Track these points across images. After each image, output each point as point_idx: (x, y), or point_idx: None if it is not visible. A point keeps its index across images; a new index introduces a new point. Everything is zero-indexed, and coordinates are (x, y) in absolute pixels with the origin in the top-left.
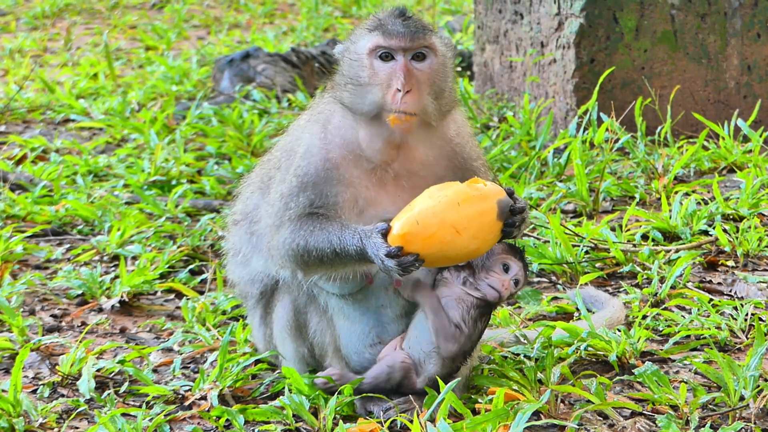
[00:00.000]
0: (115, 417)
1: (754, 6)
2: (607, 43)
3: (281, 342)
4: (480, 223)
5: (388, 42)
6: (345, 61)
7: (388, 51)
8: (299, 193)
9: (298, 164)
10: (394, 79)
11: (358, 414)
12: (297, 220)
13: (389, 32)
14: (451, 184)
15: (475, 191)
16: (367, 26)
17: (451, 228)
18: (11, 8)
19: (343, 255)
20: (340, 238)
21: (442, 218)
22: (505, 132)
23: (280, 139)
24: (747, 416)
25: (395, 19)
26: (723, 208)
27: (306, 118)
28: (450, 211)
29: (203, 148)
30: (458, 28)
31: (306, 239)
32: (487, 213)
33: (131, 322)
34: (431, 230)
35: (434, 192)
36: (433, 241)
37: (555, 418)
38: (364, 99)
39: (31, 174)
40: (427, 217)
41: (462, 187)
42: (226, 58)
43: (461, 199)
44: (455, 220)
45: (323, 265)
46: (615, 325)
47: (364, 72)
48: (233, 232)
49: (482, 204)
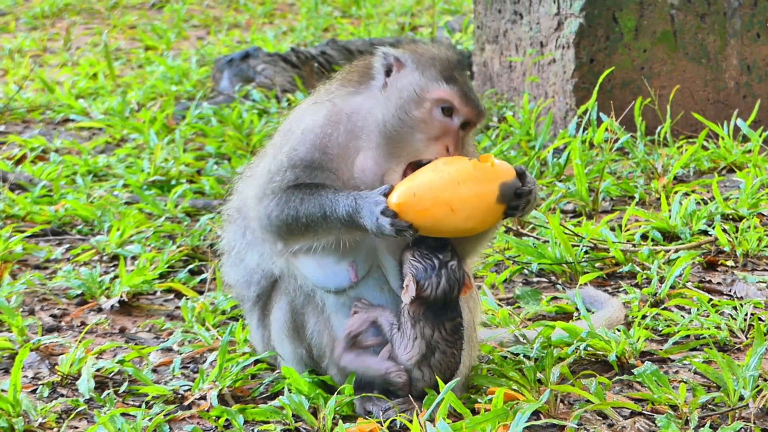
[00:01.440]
0: (114, 417)
1: (753, 6)
2: (606, 43)
3: (279, 343)
4: (476, 205)
5: (461, 106)
6: (395, 92)
7: (452, 110)
8: (287, 170)
9: (292, 146)
10: (446, 138)
11: (357, 414)
12: (282, 193)
13: (467, 97)
14: (459, 159)
15: (479, 171)
16: (439, 71)
17: (445, 206)
18: (11, 8)
19: (332, 218)
20: (333, 200)
21: (437, 194)
22: (505, 132)
23: (281, 124)
24: (746, 416)
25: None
26: (722, 208)
27: (311, 101)
28: (447, 188)
29: (203, 148)
30: (458, 27)
31: (296, 207)
32: (486, 196)
33: (131, 322)
34: (425, 204)
35: (439, 165)
36: (426, 216)
37: (554, 417)
38: (403, 143)
39: (30, 174)
40: (423, 191)
41: (467, 166)
42: (225, 58)
43: (462, 179)
44: (450, 199)
45: (308, 233)
46: (614, 325)
47: (418, 113)
48: (227, 230)
49: (482, 186)
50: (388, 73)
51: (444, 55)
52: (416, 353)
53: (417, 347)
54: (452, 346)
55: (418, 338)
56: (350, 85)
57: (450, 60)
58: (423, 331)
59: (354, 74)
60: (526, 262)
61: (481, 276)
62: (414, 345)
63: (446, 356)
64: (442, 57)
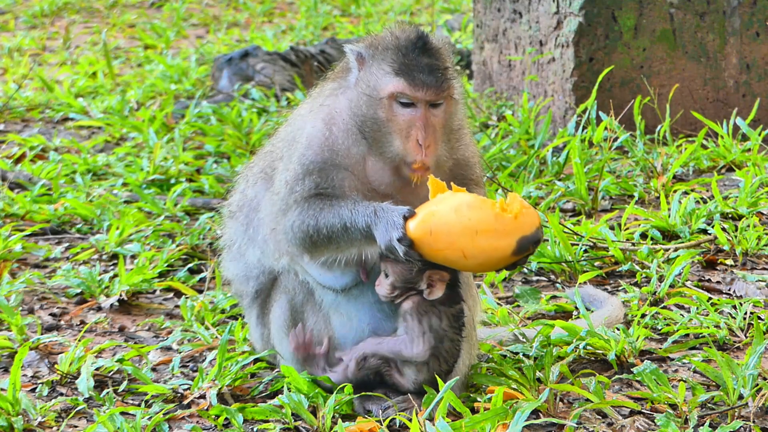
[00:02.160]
0: (114, 416)
1: (753, 5)
2: (606, 42)
3: (279, 341)
4: (491, 256)
5: (413, 93)
6: (361, 91)
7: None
8: (304, 177)
9: (301, 153)
10: (414, 131)
11: (356, 413)
12: (304, 202)
13: (416, 83)
14: (484, 203)
15: (500, 224)
16: (389, 64)
17: (460, 252)
18: (10, 7)
19: (352, 230)
20: (353, 211)
21: (454, 240)
22: (504, 131)
23: (280, 129)
24: (746, 415)
25: (421, 61)
26: (722, 206)
27: (308, 109)
28: (465, 236)
29: (202, 147)
30: (457, 26)
31: (316, 217)
32: (502, 249)
33: (130, 321)
34: (440, 246)
35: (463, 208)
36: (439, 256)
37: (554, 416)
38: (384, 146)
39: (30, 173)
40: (440, 233)
41: (488, 216)
42: (224, 56)
43: (480, 228)
44: (465, 246)
45: (331, 245)
46: (614, 323)
47: (382, 113)
48: (228, 225)
49: (501, 241)
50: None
51: (395, 42)
52: (427, 348)
53: (426, 341)
54: (458, 333)
55: (427, 332)
56: (335, 84)
57: (400, 46)
58: (431, 324)
59: (337, 72)
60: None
61: (481, 275)
62: (424, 340)
63: (453, 344)
64: (393, 45)
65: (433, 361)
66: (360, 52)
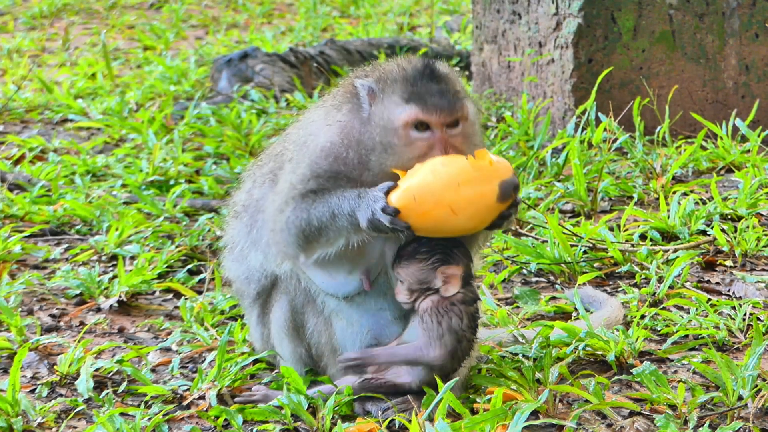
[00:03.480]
0: (113, 416)
1: (752, 6)
2: (605, 43)
3: (279, 342)
4: (478, 205)
5: (427, 117)
6: (375, 122)
7: (426, 123)
8: (310, 179)
9: (313, 160)
10: (434, 152)
11: (356, 414)
12: (300, 198)
13: (428, 107)
14: (456, 158)
15: (478, 171)
16: (399, 95)
17: (447, 208)
18: (9, 8)
19: (339, 216)
20: (339, 197)
21: (439, 197)
22: (504, 132)
23: (291, 132)
24: (745, 416)
25: (431, 87)
26: (721, 207)
27: (323, 117)
28: (449, 190)
29: (201, 148)
30: (456, 27)
31: (308, 211)
32: (487, 195)
33: (129, 322)
34: (427, 207)
35: (438, 167)
36: (428, 218)
37: (553, 417)
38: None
39: (29, 174)
40: (424, 194)
41: (465, 166)
42: (224, 58)
43: (461, 180)
44: (453, 201)
45: (321, 237)
46: (613, 324)
47: (398, 141)
48: (232, 225)
49: (483, 186)
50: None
51: (402, 73)
52: (445, 351)
53: (444, 345)
54: (474, 332)
55: (446, 334)
56: (350, 103)
57: (408, 75)
58: (450, 324)
59: (349, 92)
60: (524, 262)
61: (480, 276)
62: (441, 343)
63: (470, 343)
64: (401, 77)
65: (450, 360)
66: (371, 87)
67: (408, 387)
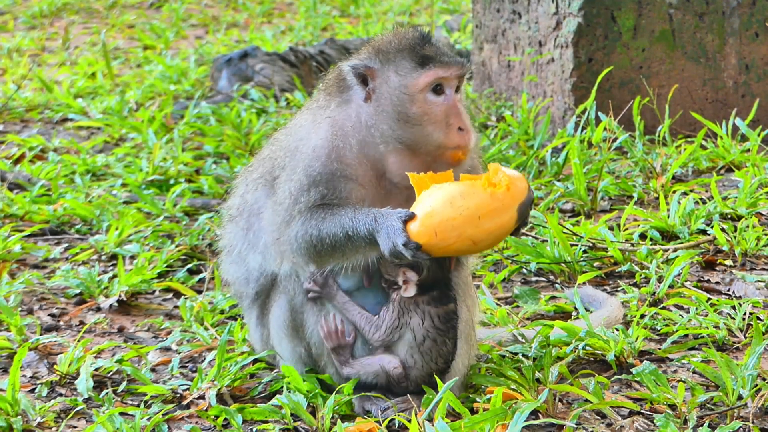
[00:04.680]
0: (113, 416)
1: (752, 5)
2: (605, 43)
3: (278, 342)
4: (499, 233)
5: (447, 73)
6: (383, 100)
7: (442, 84)
8: (310, 188)
9: (308, 164)
10: (452, 118)
11: (356, 413)
12: (307, 212)
13: (446, 63)
14: (473, 188)
15: (497, 201)
16: (410, 60)
17: (468, 240)
18: (9, 7)
19: (354, 238)
20: (353, 219)
21: (461, 232)
22: (503, 131)
23: (279, 137)
24: (745, 415)
25: (437, 48)
26: (721, 207)
27: (311, 119)
28: (470, 225)
29: (201, 148)
30: (456, 27)
31: (318, 227)
32: (507, 224)
33: (129, 322)
34: (449, 242)
35: (456, 198)
36: (449, 250)
37: (553, 417)
38: (421, 141)
39: (29, 173)
40: (446, 230)
41: (485, 198)
42: (224, 57)
43: (482, 213)
44: (474, 234)
45: (336, 253)
46: (613, 324)
47: (416, 108)
48: (229, 229)
49: (503, 216)
50: (365, 83)
51: (405, 42)
52: (384, 336)
53: (390, 333)
54: (443, 334)
55: (403, 327)
56: (337, 97)
57: (413, 43)
58: (409, 322)
59: (334, 87)
60: (524, 262)
61: (480, 275)
62: (388, 331)
63: (437, 344)
64: (405, 45)
65: (410, 357)
66: (366, 65)
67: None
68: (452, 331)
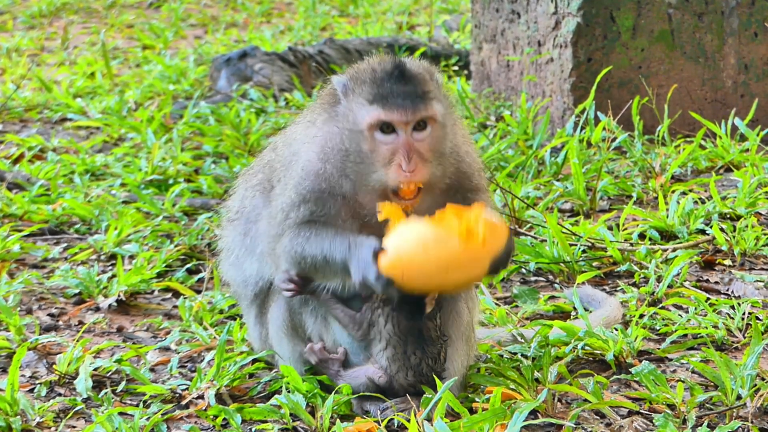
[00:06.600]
0: (112, 416)
1: (751, 5)
2: (604, 42)
3: (278, 342)
4: (467, 284)
5: (389, 116)
6: (343, 126)
7: (392, 124)
8: (300, 205)
9: (298, 182)
10: (397, 156)
11: (355, 413)
12: (296, 228)
13: (390, 106)
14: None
15: (469, 255)
16: (365, 96)
17: (435, 286)
18: (8, 7)
19: (331, 262)
20: (331, 243)
21: (428, 278)
22: (502, 131)
23: (279, 144)
24: (744, 415)
25: (396, 88)
26: (720, 207)
27: (303, 134)
28: (437, 274)
29: (200, 147)
30: (455, 26)
31: (302, 245)
32: (476, 276)
33: (128, 321)
34: (414, 284)
35: (429, 243)
36: (415, 289)
37: (552, 417)
38: (368, 177)
39: (28, 173)
40: (413, 273)
41: (455, 251)
42: (223, 57)
43: (452, 266)
44: (441, 283)
45: (318, 273)
46: (612, 324)
47: (365, 145)
48: (227, 231)
49: (473, 270)
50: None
51: (371, 75)
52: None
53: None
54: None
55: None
56: (326, 114)
57: (376, 78)
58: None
59: (326, 99)
60: (523, 262)
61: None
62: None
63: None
64: (370, 78)
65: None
66: (345, 84)
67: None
68: (420, 350)
